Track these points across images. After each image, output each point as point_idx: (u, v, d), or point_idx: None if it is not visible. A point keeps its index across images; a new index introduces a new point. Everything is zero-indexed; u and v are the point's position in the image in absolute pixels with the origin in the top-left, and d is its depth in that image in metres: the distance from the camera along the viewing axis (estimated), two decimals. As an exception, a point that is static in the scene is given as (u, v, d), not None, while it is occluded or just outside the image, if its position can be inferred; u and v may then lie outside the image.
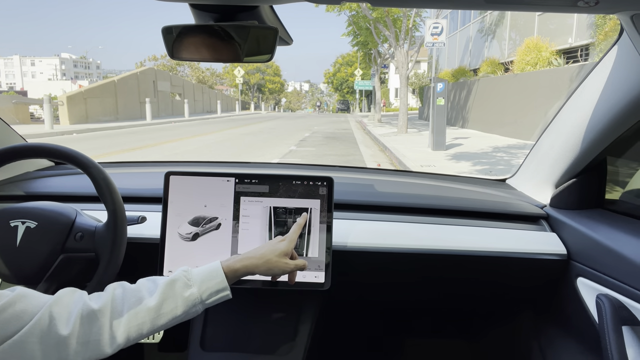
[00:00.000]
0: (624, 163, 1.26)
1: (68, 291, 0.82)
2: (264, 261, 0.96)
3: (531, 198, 1.43)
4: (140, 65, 44.84)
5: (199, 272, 0.90)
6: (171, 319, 0.85)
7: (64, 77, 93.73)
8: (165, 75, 27.57)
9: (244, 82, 53.84)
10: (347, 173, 1.69)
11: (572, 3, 0.68)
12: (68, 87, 38.01)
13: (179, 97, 28.65)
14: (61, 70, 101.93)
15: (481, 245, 1.25)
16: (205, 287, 0.87)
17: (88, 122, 17.95)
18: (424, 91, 23.01)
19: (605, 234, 1.09)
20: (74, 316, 0.77)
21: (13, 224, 1.03)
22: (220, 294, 0.89)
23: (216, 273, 0.89)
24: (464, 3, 0.74)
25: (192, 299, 0.86)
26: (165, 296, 0.84)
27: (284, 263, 0.98)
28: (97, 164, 1.05)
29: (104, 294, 0.84)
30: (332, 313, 1.52)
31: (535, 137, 1.43)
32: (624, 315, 0.98)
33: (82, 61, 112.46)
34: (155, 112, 23.13)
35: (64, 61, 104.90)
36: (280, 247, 0.99)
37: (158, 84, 25.37)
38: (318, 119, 29.37)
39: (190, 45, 0.87)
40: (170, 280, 0.87)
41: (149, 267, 1.16)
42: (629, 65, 0.97)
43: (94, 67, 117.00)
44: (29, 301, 0.75)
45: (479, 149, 10.02)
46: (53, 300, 0.78)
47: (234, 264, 0.93)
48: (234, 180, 1.16)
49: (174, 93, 28.41)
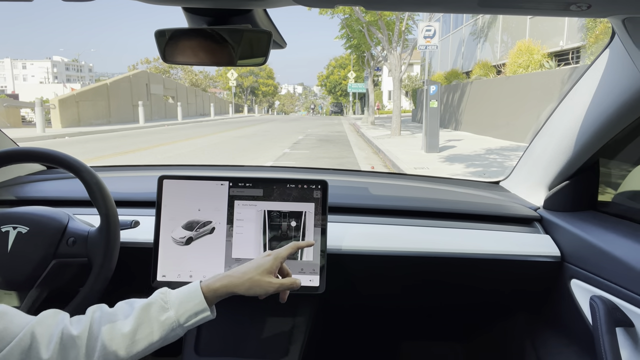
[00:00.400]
0: (616, 165, 1.27)
1: (51, 313, 0.79)
2: (246, 279, 0.89)
3: (525, 200, 1.44)
4: (133, 68, 44.66)
5: (177, 293, 0.85)
6: (147, 345, 0.80)
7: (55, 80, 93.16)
8: (158, 78, 27.49)
9: (237, 84, 53.80)
10: (341, 176, 1.69)
11: (565, 7, 0.68)
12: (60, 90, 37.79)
13: (172, 100, 28.57)
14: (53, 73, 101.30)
15: (475, 248, 1.25)
16: (183, 309, 0.83)
17: (80, 125, 17.85)
18: (417, 94, 23.11)
19: (598, 236, 1.10)
20: (55, 340, 0.75)
21: (4, 229, 1.02)
22: (199, 315, 0.84)
23: (195, 294, 0.85)
24: (457, 7, 0.74)
25: (168, 323, 0.81)
26: (140, 321, 0.80)
27: (267, 282, 0.91)
28: (89, 168, 1.05)
29: (84, 318, 0.80)
30: (326, 317, 1.52)
31: (528, 139, 1.44)
32: (618, 316, 0.98)
33: (74, 64, 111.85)
34: (148, 115, 23.06)
35: (55, 64, 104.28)
36: (263, 264, 0.92)
37: (151, 87, 25.29)
38: (311, 121, 29.39)
39: (183, 48, 0.87)
40: (146, 303, 0.82)
41: (143, 272, 1.16)
42: (620, 69, 0.98)
43: (86, 70, 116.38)
44: (11, 319, 0.73)
45: (472, 151, 10.07)
46: (36, 321, 0.76)
47: (213, 283, 0.88)
48: (228, 184, 1.16)
49: (167, 96, 28.33)
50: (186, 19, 0.91)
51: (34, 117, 15.95)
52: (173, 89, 29.60)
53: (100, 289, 1.01)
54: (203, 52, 0.87)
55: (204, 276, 1.13)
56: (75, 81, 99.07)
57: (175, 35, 0.86)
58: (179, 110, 24.56)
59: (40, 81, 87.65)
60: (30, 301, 0.98)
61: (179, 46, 0.87)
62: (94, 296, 1.00)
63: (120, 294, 1.33)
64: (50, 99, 18.47)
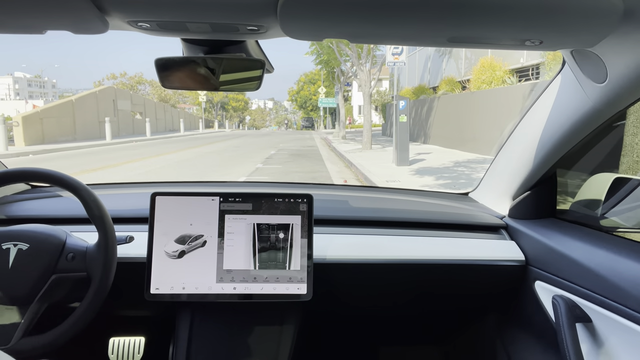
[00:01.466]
0: (572, 176, 1.41)
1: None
2: None
3: (491, 210, 1.56)
4: (98, 84, 43.84)
5: None
6: None
7: (17, 97, 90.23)
8: (125, 94, 27.05)
9: (207, 100, 53.42)
10: (323, 190, 1.77)
11: (521, 43, 0.80)
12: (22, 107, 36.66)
13: (139, 115, 28.11)
14: (14, 89, 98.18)
15: (448, 255, 1.35)
16: None
17: (45, 143, 17.34)
18: (387, 108, 23.55)
19: (557, 240, 1.22)
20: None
21: (5, 246, 1.05)
22: None
23: None
24: (429, 42, 0.84)
25: None
26: None
27: None
28: (87, 187, 1.09)
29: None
30: (312, 324, 1.59)
31: (493, 152, 1.56)
32: (577, 313, 1.08)
33: (37, 80, 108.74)
34: (116, 131, 22.61)
35: (17, 80, 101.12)
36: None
37: (118, 102, 24.85)
38: (283, 136, 29.46)
39: (181, 76, 0.94)
40: None
41: (136, 286, 1.20)
42: (571, 92, 1.11)
43: (50, 86, 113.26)
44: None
45: (441, 163, 10.34)
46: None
47: None
48: (219, 199, 1.22)
49: (135, 112, 27.86)
50: (183, 48, 0.98)
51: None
52: (141, 104, 29.16)
53: (99, 302, 1.05)
54: (200, 79, 0.94)
55: (196, 288, 1.18)
56: (37, 97, 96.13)
57: (174, 64, 0.94)
58: (148, 126, 24.21)
59: (1, 98, 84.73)
60: (31, 315, 1.02)
61: (177, 74, 0.94)
62: (94, 309, 1.04)
63: (113, 307, 1.37)
64: (12, 116, 17.91)
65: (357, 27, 0.77)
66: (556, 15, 0.71)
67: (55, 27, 0.77)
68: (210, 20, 0.76)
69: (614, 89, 0.96)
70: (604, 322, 1.02)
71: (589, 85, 1.01)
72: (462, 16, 0.71)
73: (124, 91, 28.00)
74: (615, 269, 1.01)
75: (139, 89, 44.59)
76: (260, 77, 0.93)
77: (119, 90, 26.94)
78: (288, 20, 0.73)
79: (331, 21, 0.74)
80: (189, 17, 0.75)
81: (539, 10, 0.70)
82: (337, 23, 0.75)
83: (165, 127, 33.01)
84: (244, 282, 1.19)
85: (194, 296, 1.18)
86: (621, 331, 0.97)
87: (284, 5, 0.68)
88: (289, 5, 0.68)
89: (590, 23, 0.75)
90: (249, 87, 0.95)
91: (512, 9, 0.69)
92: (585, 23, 0.75)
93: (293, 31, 0.78)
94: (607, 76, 0.93)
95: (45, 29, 0.78)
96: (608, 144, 1.66)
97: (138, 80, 45.49)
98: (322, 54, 20.46)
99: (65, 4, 0.69)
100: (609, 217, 1.28)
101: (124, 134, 24.65)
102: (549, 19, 0.73)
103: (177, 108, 43.39)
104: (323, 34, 0.81)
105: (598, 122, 1.09)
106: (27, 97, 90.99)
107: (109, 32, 0.79)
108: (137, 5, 0.71)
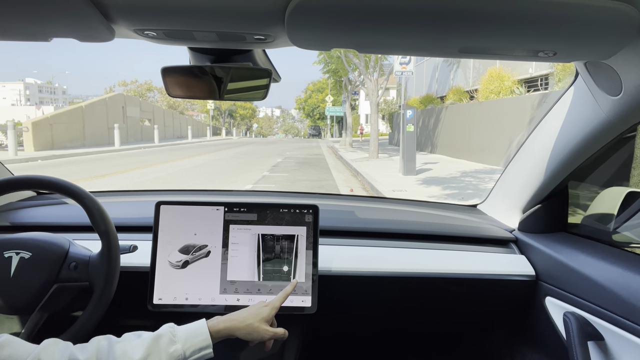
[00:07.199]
0: (584, 189, 1.38)
1: (52, 341, 0.83)
2: (245, 325, 0.99)
3: (501, 223, 1.53)
4: (109, 90, 44.31)
5: (184, 329, 0.92)
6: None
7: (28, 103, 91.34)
8: (134, 101, 27.28)
9: (215, 107, 53.78)
10: (329, 200, 1.75)
11: (534, 54, 0.78)
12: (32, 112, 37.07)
13: (148, 122, 28.33)
14: (25, 95, 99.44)
15: (456, 268, 1.32)
16: (189, 344, 0.90)
17: (54, 148, 17.50)
18: (394, 117, 23.55)
19: (569, 256, 1.19)
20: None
21: (7, 254, 1.04)
22: (203, 351, 0.91)
23: (201, 331, 0.92)
24: (440, 53, 0.83)
25: (176, 355, 0.87)
26: (150, 351, 0.86)
27: (264, 329, 1.01)
28: (91, 195, 1.08)
29: (89, 346, 0.85)
30: (315, 338, 1.56)
31: (501, 162, 1.54)
32: (589, 331, 1.06)
33: (48, 86, 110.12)
34: (124, 137, 22.78)
35: (28, 86, 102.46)
36: (262, 313, 1.03)
37: (127, 109, 25.07)
38: (290, 144, 29.53)
39: (188, 84, 0.93)
40: (156, 335, 0.89)
41: (138, 296, 1.19)
42: (583, 105, 1.09)
43: (60, 93, 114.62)
44: (16, 347, 0.77)
45: (448, 173, 10.29)
46: (40, 348, 0.80)
47: (217, 324, 0.96)
48: (224, 209, 1.21)
49: (144, 118, 28.08)
50: (190, 57, 0.97)
51: (4, 140, 15.58)
52: (150, 111, 29.39)
53: (101, 312, 1.03)
54: (207, 88, 0.93)
55: (199, 299, 1.16)
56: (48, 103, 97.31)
57: (180, 72, 0.93)
58: (156, 133, 24.37)
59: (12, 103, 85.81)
60: (32, 325, 1.00)
61: (184, 82, 0.93)
62: (96, 319, 1.03)
63: (115, 316, 1.35)
64: (23, 122, 18.10)
65: (365, 37, 0.76)
66: (571, 26, 0.70)
67: (61, 34, 0.76)
68: (217, 29, 0.75)
69: (628, 102, 0.93)
70: (616, 340, 1.00)
71: (602, 97, 0.99)
72: (474, 27, 0.70)
73: (133, 98, 28.24)
74: (628, 286, 0.99)
75: (148, 96, 44.97)
76: (267, 87, 0.92)
77: (129, 97, 27.18)
78: (295, 30, 0.72)
79: (339, 31, 0.73)
80: (195, 26, 0.74)
81: (554, 22, 0.68)
82: (346, 33, 0.74)
83: (173, 134, 33.23)
84: (248, 293, 1.17)
85: (197, 307, 1.16)
86: (634, 350, 0.94)
87: (292, 14, 0.67)
88: (296, 14, 0.67)
89: (606, 35, 0.73)
90: (256, 97, 0.94)
91: (526, 19, 0.68)
92: (601, 35, 0.73)
93: (300, 41, 0.77)
94: (622, 89, 0.91)
95: (51, 36, 0.77)
96: (619, 156, 1.64)
97: (147, 88, 45.91)
98: (330, 63, 20.53)
99: (71, 12, 0.68)
100: (622, 232, 1.25)
101: (133, 141, 24.83)
102: (564, 31, 0.71)
103: (185, 115, 43.66)
104: (331, 44, 0.80)
105: (611, 135, 1.07)
106: (38, 102, 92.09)
107: (120, 40, 0.79)
108: (144, 13, 0.70)
